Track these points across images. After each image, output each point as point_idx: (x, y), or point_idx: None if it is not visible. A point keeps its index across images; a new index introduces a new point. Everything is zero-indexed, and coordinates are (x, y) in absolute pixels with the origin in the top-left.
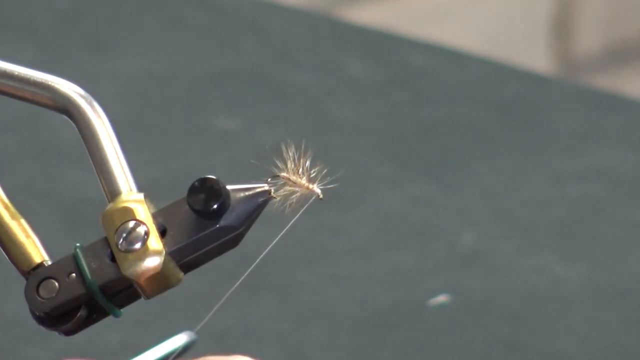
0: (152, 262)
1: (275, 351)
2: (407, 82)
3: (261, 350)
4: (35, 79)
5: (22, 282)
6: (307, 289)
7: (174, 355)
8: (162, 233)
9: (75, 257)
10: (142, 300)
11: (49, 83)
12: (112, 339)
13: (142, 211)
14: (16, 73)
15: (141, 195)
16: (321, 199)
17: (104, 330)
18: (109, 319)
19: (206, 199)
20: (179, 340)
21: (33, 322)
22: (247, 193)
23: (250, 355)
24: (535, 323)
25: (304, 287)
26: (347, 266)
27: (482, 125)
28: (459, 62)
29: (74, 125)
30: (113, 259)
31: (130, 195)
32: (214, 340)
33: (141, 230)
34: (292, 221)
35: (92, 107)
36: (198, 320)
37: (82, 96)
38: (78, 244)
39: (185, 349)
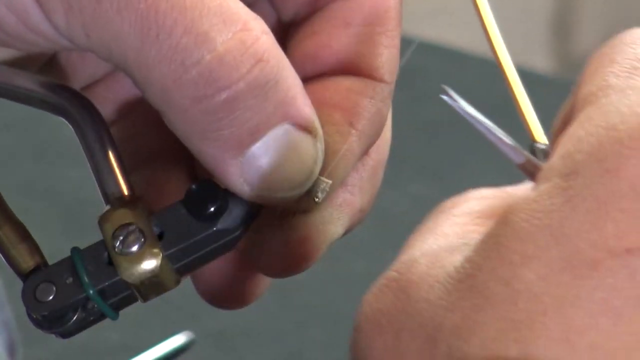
0: (148, 265)
1: (275, 351)
2: (407, 82)
3: (261, 350)
4: (33, 80)
5: (21, 283)
6: (307, 289)
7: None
8: (159, 236)
9: (72, 260)
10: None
11: (47, 84)
12: (112, 339)
13: (139, 214)
14: (15, 74)
15: (138, 198)
16: (317, 201)
17: (104, 330)
18: (108, 319)
19: (203, 201)
20: (178, 340)
21: (31, 324)
22: None
23: (250, 356)
24: None
25: (304, 287)
26: (347, 266)
27: None
28: (459, 62)
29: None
30: (110, 262)
31: (128, 198)
32: (213, 340)
33: (138, 233)
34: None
35: (90, 109)
36: (198, 321)
37: (79, 98)
38: (75, 247)
39: (184, 349)
